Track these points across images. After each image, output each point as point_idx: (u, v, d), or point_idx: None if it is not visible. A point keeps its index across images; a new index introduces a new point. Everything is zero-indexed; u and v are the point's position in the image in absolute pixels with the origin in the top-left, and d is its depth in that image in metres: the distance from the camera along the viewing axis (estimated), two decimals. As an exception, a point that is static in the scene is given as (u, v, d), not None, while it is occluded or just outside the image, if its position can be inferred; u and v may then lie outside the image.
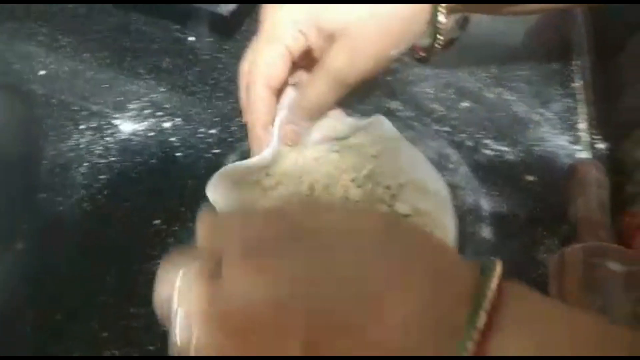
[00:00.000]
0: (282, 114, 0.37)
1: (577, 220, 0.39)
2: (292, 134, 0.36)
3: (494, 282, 0.18)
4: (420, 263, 0.20)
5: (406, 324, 0.18)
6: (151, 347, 0.33)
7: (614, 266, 0.33)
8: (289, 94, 0.38)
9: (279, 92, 0.36)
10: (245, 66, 0.36)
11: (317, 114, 0.36)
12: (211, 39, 0.53)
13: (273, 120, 0.36)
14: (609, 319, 0.31)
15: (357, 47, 0.33)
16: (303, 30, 0.33)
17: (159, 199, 0.40)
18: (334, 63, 0.33)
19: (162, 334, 0.33)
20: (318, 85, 0.34)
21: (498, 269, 0.19)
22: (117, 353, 0.32)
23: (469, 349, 0.17)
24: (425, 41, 0.37)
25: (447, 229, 0.39)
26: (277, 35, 0.33)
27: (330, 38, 0.33)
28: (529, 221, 0.42)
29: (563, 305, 0.21)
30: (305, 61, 0.36)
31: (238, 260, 0.20)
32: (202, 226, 0.23)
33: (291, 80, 0.37)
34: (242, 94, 0.37)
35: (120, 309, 0.34)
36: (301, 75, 0.38)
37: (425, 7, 0.33)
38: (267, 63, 0.34)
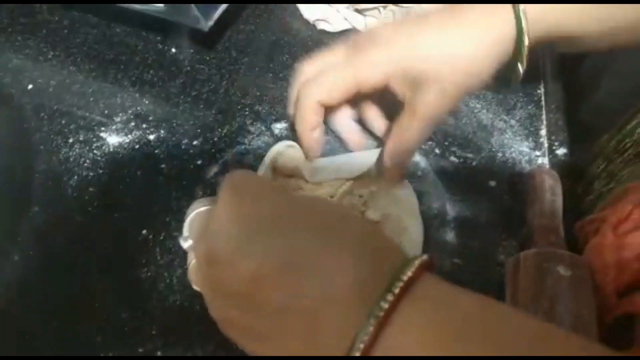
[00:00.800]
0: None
1: (532, 226, 0.42)
2: (394, 174, 0.42)
3: (410, 269, 0.22)
4: (359, 243, 0.24)
5: (333, 284, 0.22)
6: (141, 350, 0.36)
7: (563, 270, 0.37)
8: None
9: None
10: (308, 68, 0.39)
11: (414, 151, 0.41)
12: (192, 51, 0.55)
13: (319, 124, 0.40)
14: (557, 321, 0.35)
15: (447, 90, 0.35)
16: (388, 74, 0.35)
17: (146, 209, 0.42)
18: (429, 111, 0.36)
19: (152, 337, 0.36)
20: (414, 130, 0.37)
21: (419, 261, 0.23)
22: (110, 355, 0.35)
23: (379, 315, 0.21)
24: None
25: (414, 233, 0.43)
26: (359, 70, 0.36)
27: (417, 84, 0.35)
28: (489, 225, 0.46)
29: (468, 295, 0.24)
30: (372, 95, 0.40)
31: (224, 195, 0.26)
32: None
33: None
34: (294, 91, 0.40)
35: (113, 315, 0.37)
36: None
37: (509, 41, 0.36)
38: (331, 90, 0.37)
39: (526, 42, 0.35)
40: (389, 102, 0.41)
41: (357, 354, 0.21)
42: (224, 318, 0.26)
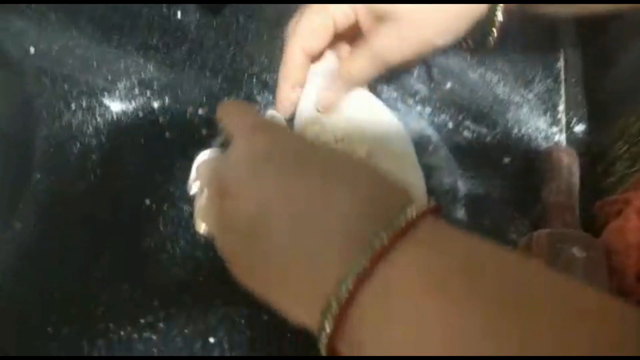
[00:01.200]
0: (314, 79, 0.39)
1: (547, 204, 0.41)
2: (326, 100, 0.38)
3: (413, 210, 0.22)
4: (367, 182, 0.24)
5: (331, 219, 0.22)
6: (142, 320, 0.35)
7: (578, 252, 0.36)
8: (327, 61, 0.39)
9: (314, 59, 0.38)
10: (289, 30, 0.38)
11: (354, 86, 0.38)
12: (199, 16, 0.53)
13: (302, 82, 0.39)
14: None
15: (404, 31, 0.34)
16: (355, 8, 0.35)
17: (149, 178, 0.41)
18: (380, 43, 0.34)
19: (153, 308, 0.36)
20: (361, 61, 0.36)
21: (425, 204, 0.23)
22: (112, 326, 0.35)
23: (371, 252, 0.20)
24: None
25: (420, 188, 0.41)
26: (328, 9, 0.35)
27: (379, 19, 0.34)
28: (502, 202, 0.45)
29: (473, 239, 0.23)
30: (349, 35, 0.38)
31: (244, 132, 0.28)
32: (225, 107, 0.33)
33: (329, 50, 0.39)
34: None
35: (115, 285, 0.37)
36: (342, 46, 0.39)
37: (482, 6, 0.35)
38: (309, 29, 0.36)
39: (500, 7, 0.35)
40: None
41: (350, 286, 0.20)
42: (230, 253, 0.26)
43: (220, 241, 0.27)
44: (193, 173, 0.31)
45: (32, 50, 0.48)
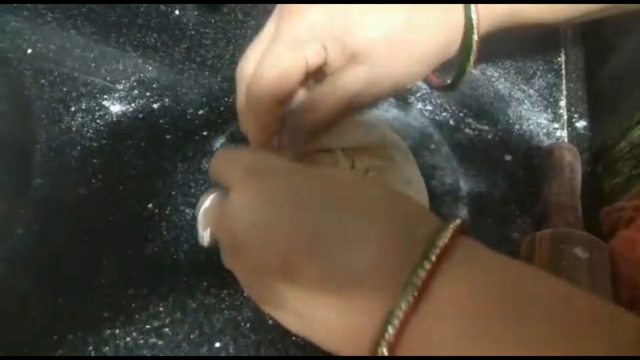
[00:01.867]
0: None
1: (549, 204, 0.41)
2: (291, 148, 0.33)
3: (447, 233, 0.22)
4: (387, 210, 0.24)
5: (364, 258, 0.22)
6: (148, 326, 0.35)
7: (581, 253, 0.36)
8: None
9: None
10: (247, 67, 0.32)
11: (321, 132, 0.34)
12: (197, 13, 0.52)
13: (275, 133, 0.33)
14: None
15: (377, 77, 0.30)
16: (327, 46, 0.30)
17: (151, 182, 0.41)
18: (352, 87, 0.30)
19: (158, 313, 0.36)
20: (326, 107, 0.31)
21: (455, 224, 0.22)
22: (117, 331, 0.35)
23: (416, 286, 0.20)
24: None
25: (418, 183, 0.41)
26: (299, 44, 0.29)
27: (351, 57, 0.30)
28: (503, 201, 0.45)
29: (507, 258, 0.23)
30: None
31: (240, 181, 0.25)
32: (215, 160, 0.29)
33: None
34: (241, 97, 0.33)
35: (119, 289, 0.37)
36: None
37: (458, 34, 0.31)
38: (279, 70, 0.30)
39: (475, 36, 0.31)
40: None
41: (396, 324, 0.20)
42: (258, 296, 0.26)
43: (245, 286, 0.26)
44: (200, 221, 0.29)
45: (29, 51, 0.47)
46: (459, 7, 0.30)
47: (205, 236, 0.29)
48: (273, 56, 0.30)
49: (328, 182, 0.25)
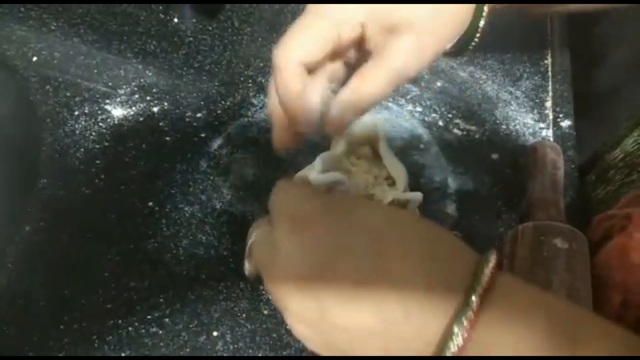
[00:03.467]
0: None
1: (532, 199, 0.43)
2: (339, 128, 0.32)
3: (488, 269, 0.23)
4: (424, 246, 0.24)
5: (406, 295, 0.23)
6: (149, 316, 0.37)
7: (560, 243, 0.38)
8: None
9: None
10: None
11: (371, 108, 0.32)
12: (195, 20, 0.55)
13: (299, 105, 0.31)
14: (552, 290, 0.36)
15: (423, 43, 0.31)
16: (364, 22, 0.31)
17: (151, 182, 0.43)
18: (399, 59, 0.30)
19: (159, 304, 0.38)
20: (378, 80, 0.30)
21: (493, 258, 0.23)
22: (120, 321, 0.37)
23: (464, 326, 0.21)
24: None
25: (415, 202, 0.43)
26: (335, 17, 0.30)
27: (390, 32, 0.30)
28: (490, 197, 0.46)
29: (549, 295, 0.24)
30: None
31: (284, 229, 0.26)
32: (273, 196, 0.29)
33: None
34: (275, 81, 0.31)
35: (121, 282, 0.39)
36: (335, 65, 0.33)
37: (471, 8, 0.34)
38: (311, 34, 0.30)
39: (486, 8, 0.34)
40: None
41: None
42: (303, 335, 0.26)
43: (290, 322, 0.27)
44: (247, 252, 0.30)
45: (34, 58, 0.49)
46: None
47: (248, 268, 0.30)
48: (305, 21, 0.30)
49: (369, 226, 0.25)
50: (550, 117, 0.53)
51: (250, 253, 0.29)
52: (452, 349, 0.21)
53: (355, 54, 0.34)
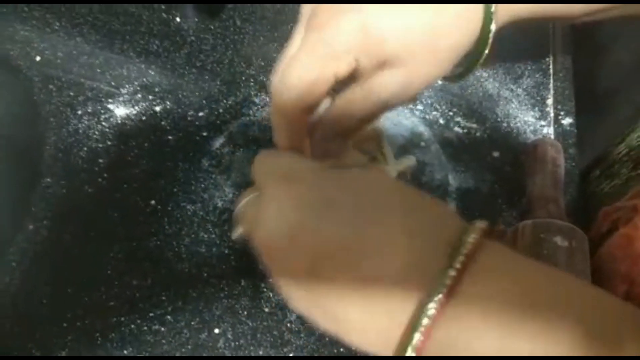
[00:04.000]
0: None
1: (533, 196, 0.43)
2: (325, 152, 0.32)
3: (474, 234, 0.22)
4: (415, 214, 0.24)
5: (391, 263, 0.23)
6: (151, 314, 0.38)
7: (560, 241, 0.38)
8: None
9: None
10: (278, 80, 0.30)
11: (351, 136, 0.33)
12: (197, 20, 0.55)
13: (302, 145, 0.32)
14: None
15: (412, 77, 0.30)
16: (358, 57, 0.29)
17: (154, 180, 0.44)
18: (386, 92, 0.30)
19: (161, 302, 0.38)
20: (364, 110, 0.30)
21: (480, 225, 0.23)
22: (122, 319, 0.37)
23: (443, 290, 0.21)
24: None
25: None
26: (330, 57, 0.28)
27: (383, 63, 0.29)
28: (491, 195, 0.47)
29: (534, 262, 0.23)
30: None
31: (270, 186, 0.26)
32: (255, 163, 0.29)
33: None
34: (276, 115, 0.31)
35: (124, 281, 0.39)
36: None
37: (472, 36, 0.31)
38: (307, 81, 0.28)
39: (493, 28, 0.31)
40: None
41: (421, 330, 0.21)
42: (289, 295, 0.26)
43: (278, 285, 0.27)
44: (235, 218, 0.30)
45: (38, 58, 0.50)
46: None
47: (236, 233, 0.30)
48: (301, 66, 0.28)
49: (357, 187, 0.25)
50: (552, 114, 0.53)
51: (238, 219, 0.29)
52: (424, 322, 0.21)
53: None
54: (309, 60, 0.28)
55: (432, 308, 0.21)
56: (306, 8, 0.30)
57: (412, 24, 0.29)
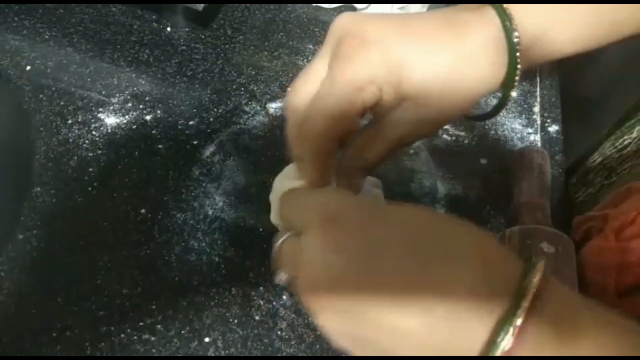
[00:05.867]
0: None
1: (519, 203, 0.43)
2: (349, 187, 0.33)
3: (536, 276, 0.22)
4: (470, 253, 0.23)
5: (451, 299, 0.22)
6: (141, 323, 0.38)
7: (546, 247, 0.38)
8: None
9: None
10: (298, 100, 0.31)
11: (373, 169, 0.34)
12: (187, 29, 0.55)
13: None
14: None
15: (426, 117, 0.30)
16: (382, 89, 0.29)
17: (144, 189, 0.44)
18: (397, 131, 0.31)
19: (151, 311, 0.38)
20: (377, 150, 0.31)
21: (541, 266, 0.22)
22: (112, 328, 0.37)
23: (510, 333, 0.21)
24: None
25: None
26: (357, 87, 0.29)
27: (402, 98, 0.30)
28: (479, 202, 0.47)
29: (596, 306, 0.23)
30: None
31: (316, 227, 0.25)
32: (287, 202, 0.29)
33: None
34: (291, 129, 0.31)
35: (114, 289, 0.39)
36: None
37: (495, 79, 0.30)
38: (341, 114, 0.29)
39: (517, 76, 0.31)
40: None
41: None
42: (336, 334, 0.25)
43: (325, 327, 0.26)
44: (274, 262, 0.29)
45: (28, 67, 0.50)
46: (502, 45, 0.30)
47: (281, 277, 0.29)
48: (332, 96, 0.29)
49: (407, 226, 0.24)
50: (538, 122, 0.54)
51: (278, 263, 0.28)
52: (497, 353, 0.21)
53: None
54: (340, 93, 0.29)
55: (501, 348, 0.20)
56: (333, 34, 0.30)
57: (433, 64, 0.29)
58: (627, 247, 0.37)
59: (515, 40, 0.29)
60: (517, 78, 0.31)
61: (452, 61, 0.29)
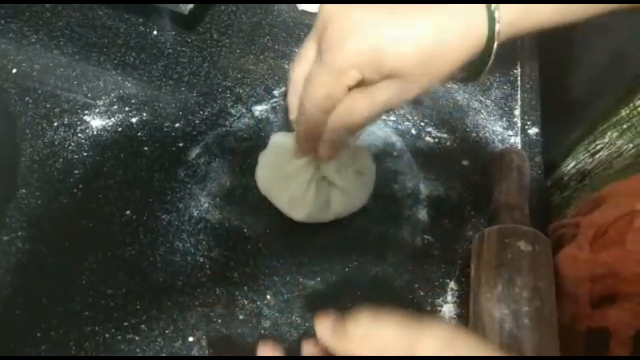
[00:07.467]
0: None
1: (498, 204, 0.44)
2: (331, 150, 0.39)
3: None
4: None
5: None
6: (125, 323, 0.38)
7: (524, 246, 0.39)
8: None
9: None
10: (297, 73, 0.36)
11: (358, 130, 0.38)
12: (174, 33, 0.56)
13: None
14: (516, 290, 0.37)
15: (409, 86, 0.33)
16: (364, 71, 0.33)
17: (129, 191, 0.44)
18: (385, 97, 0.34)
19: (136, 311, 0.39)
20: (364, 109, 0.35)
21: None
22: (97, 328, 0.38)
23: None
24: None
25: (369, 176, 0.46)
26: (341, 72, 0.33)
27: (385, 75, 0.33)
28: (460, 202, 0.48)
29: None
30: None
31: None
32: (324, 329, 0.29)
33: None
34: (292, 98, 0.37)
35: (98, 290, 0.39)
36: None
37: (474, 48, 0.32)
38: (325, 94, 0.34)
39: (495, 44, 0.32)
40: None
41: None
42: None
43: None
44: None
45: (14, 70, 0.50)
46: (482, 18, 0.32)
47: None
48: (320, 83, 0.34)
49: (453, 346, 0.26)
50: (519, 124, 0.55)
51: None
52: None
53: None
54: (326, 77, 0.33)
55: None
56: (319, 24, 0.34)
57: (411, 44, 0.31)
58: (600, 258, 0.38)
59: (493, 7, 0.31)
60: (493, 50, 0.32)
61: (433, 34, 0.31)
